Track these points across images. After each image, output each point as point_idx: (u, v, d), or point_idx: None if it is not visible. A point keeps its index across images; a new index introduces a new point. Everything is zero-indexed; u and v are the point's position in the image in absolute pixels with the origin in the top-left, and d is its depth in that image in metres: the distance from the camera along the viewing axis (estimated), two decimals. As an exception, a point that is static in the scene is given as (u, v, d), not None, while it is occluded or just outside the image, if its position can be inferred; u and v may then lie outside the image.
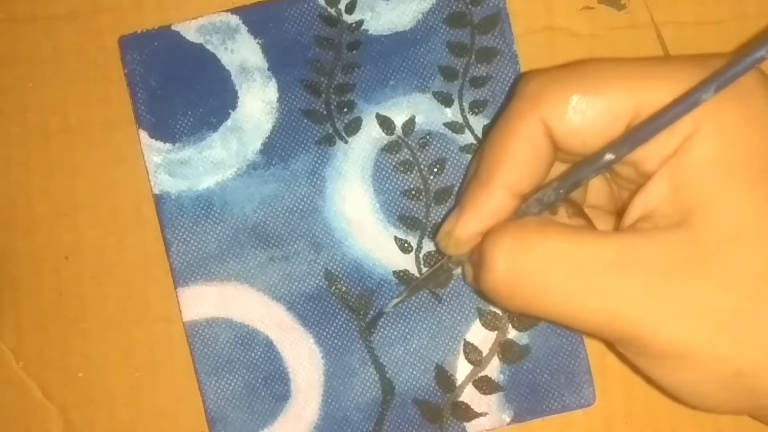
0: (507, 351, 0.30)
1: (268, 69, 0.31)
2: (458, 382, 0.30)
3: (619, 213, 0.26)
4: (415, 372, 0.30)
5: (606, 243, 0.21)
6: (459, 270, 0.29)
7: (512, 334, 0.30)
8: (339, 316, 0.30)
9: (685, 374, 0.21)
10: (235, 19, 0.31)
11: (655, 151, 0.22)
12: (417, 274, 0.30)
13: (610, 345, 0.30)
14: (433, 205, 0.30)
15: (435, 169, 0.31)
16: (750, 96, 0.21)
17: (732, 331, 0.20)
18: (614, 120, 0.22)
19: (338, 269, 0.30)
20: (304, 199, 0.31)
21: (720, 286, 0.20)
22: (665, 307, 0.21)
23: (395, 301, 0.30)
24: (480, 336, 0.30)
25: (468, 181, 0.26)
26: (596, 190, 0.27)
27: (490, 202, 0.24)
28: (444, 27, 0.31)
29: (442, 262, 0.28)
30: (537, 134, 0.23)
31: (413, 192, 0.31)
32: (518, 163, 0.23)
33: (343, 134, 0.31)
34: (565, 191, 0.23)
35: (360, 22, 0.31)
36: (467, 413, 0.30)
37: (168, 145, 0.31)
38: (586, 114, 0.22)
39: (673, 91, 0.21)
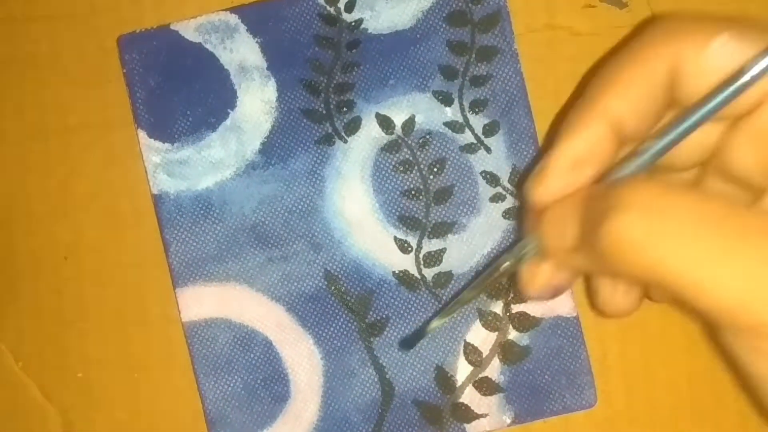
0: (507, 352, 0.30)
1: (267, 68, 0.31)
2: (458, 383, 0.30)
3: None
4: (415, 373, 0.30)
5: (755, 220, 0.18)
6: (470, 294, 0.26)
7: (513, 334, 0.30)
8: (338, 317, 0.30)
9: None
10: (234, 18, 0.31)
11: None
12: (417, 275, 0.30)
13: (710, 333, 0.27)
14: (432, 205, 0.30)
15: (435, 169, 0.30)
16: None
17: None
18: None
19: (338, 269, 0.30)
20: (304, 199, 0.30)
21: None
22: None
23: (435, 323, 0.27)
24: (480, 337, 0.30)
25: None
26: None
27: (589, 132, 0.21)
28: (444, 26, 0.31)
29: (499, 261, 0.24)
30: (660, 67, 0.20)
31: (413, 192, 0.30)
32: (628, 91, 0.21)
33: (343, 134, 0.31)
34: (671, 139, 0.20)
35: (359, 21, 0.31)
36: (467, 414, 0.30)
37: (167, 145, 0.31)
38: (731, 57, 0.20)
39: None
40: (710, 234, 0.18)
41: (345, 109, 0.31)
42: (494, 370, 0.30)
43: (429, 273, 0.30)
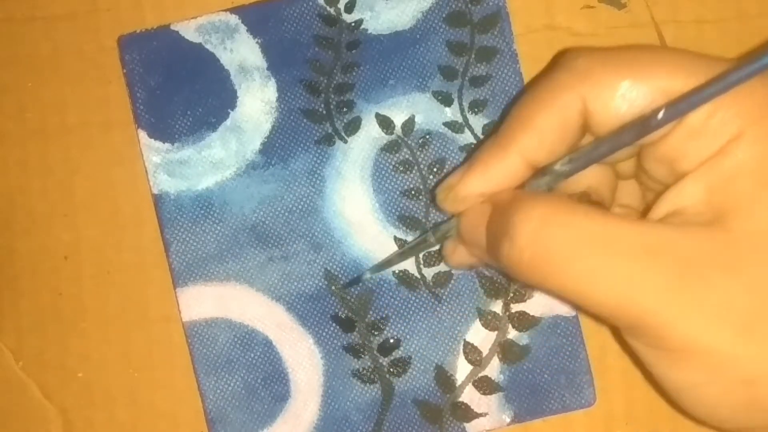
0: (507, 351, 0.30)
1: (268, 68, 0.31)
2: (458, 383, 0.30)
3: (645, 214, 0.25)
4: (414, 372, 0.30)
5: (636, 229, 0.21)
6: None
7: (512, 334, 0.30)
8: (338, 316, 0.30)
9: (694, 374, 0.21)
10: (234, 19, 0.31)
11: (693, 152, 0.21)
12: (417, 274, 0.30)
13: (617, 334, 0.29)
14: (432, 204, 0.30)
15: (435, 169, 0.31)
16: None
17: (751, 334, 0.20)
18: None
19: (338, 269, 0.30)
20: (304, 199, 0.31)
21: (746, 288, 0.20)
22: (687, 301, 0.20)
23: (368, 274, 0.30)
24: (480, 336, 0.30)
25: (485, 141, 0.25)
26: (628, 190, 0.26)
27: (502, 166, 0.23)
28: (444, 26, 0.31)
29: (425, 236, 0.28)
30: (572, 110, 0.22)
31: (413, 192, 0.30)
32: (543, 132, 0.23)
33: (343, 134, 0.31)
34: (581, 163, 0.22)
35: (359, 22, 0.31)
36: (467, 414, 0.30)
37: (167, 145, 0.31)
38: (634, 103, 0.21)
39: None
40: (587, 249, 0.21)
41: (345, 109, 0.31)
42: (494, 370, 0.30)
43: (429, 273, 0.30)
